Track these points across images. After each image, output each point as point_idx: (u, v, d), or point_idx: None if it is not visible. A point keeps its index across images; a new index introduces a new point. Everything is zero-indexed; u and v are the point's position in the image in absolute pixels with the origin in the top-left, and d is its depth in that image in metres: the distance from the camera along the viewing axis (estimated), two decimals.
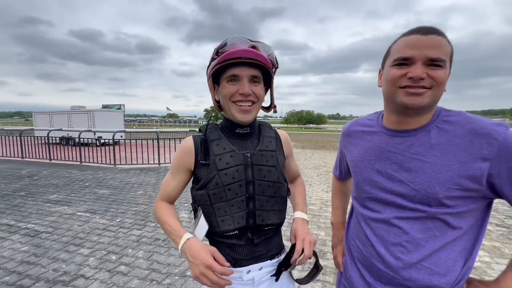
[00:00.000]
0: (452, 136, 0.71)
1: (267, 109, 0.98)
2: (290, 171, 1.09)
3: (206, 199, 0.86)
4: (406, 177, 0.75)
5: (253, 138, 0.94)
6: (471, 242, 0.74)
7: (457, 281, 0.74)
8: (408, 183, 0.74)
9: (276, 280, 0.92)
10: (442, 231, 0.72)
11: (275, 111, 1.00)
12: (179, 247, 0.84)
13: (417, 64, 0.69)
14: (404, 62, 0.71)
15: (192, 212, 0.96)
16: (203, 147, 0.88)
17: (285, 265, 0.90)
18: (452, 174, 0.69)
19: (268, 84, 0.93)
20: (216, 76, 0.88)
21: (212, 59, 0.86)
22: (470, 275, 0.78)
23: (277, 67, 0.94)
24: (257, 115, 0.95)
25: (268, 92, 0.95)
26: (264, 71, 0.86)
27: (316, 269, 0.93)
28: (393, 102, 0.76)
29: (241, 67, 0.82)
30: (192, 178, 0.95)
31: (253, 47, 0.84)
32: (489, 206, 0.75)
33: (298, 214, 0.98)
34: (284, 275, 0.95)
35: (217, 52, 0.85)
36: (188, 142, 0.91)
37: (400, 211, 0.76)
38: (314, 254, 0.92)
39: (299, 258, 0.87)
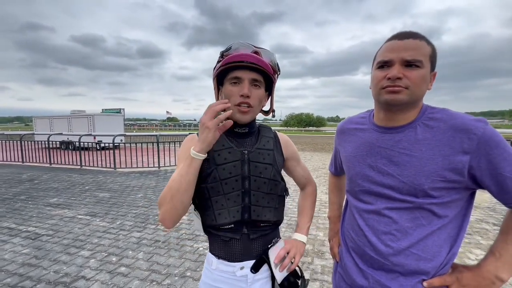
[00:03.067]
0: (436, 132, 0.76)
1: (266, 112, 1.02)
2: (297, 176, 1.10)
3: (204, 193, 0.90)
4: (395, 170, 0.80)
5: (251, 138, 0.97)
6: (456, 230, 0.79)
7: (442, 266, 0.79)
8: (397, 176, 0.80)
9: (254, 271, 0.91)
10: (428, 220, 0.78)
11: (273, 116, 1.04)
12: (192, 154, 0.80)
13: (395, 65, 0.76)
14: (384, 64, 0.78)
15: (191, 206, 0.98)
16: None
17: (265, 254, 0.92)
18: (436, 167, 0.74)
19: (269, 90, 0.97)
20: (220, 78, 0.93)
21: (218, 62, 0.91)
22: (455, 261, 0.82)
23: (279, 73, 0.98)
24: (257, 119, 0.99)
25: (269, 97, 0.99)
26: (265, 76, 0.90)
27: (304, 281, 0.95)
28: (378, 101, 0.83)
29: (243, 70, 0.86)
30: None
31: (256, 52, 0.89)
32: (472, 196, 0.80)
33: (297, 236, 1.02)
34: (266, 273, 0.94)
35: (222, 55, 0.90)
36: (192, 137, 0.97)
37: (390, 202, 0.82)
38: (300, 273, 0.96)
39: (280, 254, 0.91)
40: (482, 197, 4.88)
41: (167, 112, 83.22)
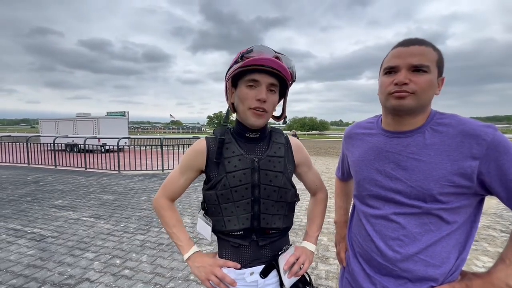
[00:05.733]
0: (444, 137, 0.76)
1: (277, 118, 1.00)
2: (308, 182, 1.09)
3: (214, 199, 0.90)
4: (403, 175, 0.80)
5: (263, 143, 0.95)
6: (464, 236, 0.79)
7: (451, 273, 0.78)
8: (405, 181, 0.79)
9: (263, 276, 0.93)
10: (437, 226, 0.77)
11: (284, 122, 1.02)
12: (185, 256, 0.95)
13: (402, 71, 0.76)
14: (391, 70, 0.79)
15: (201, 211, 0.99)
16: (214, 149, 0.92)
17: (275, 260, 0.93)
18: (445, 172, 0.74)
19: (282, 95, 0.96)
20: (235, 79, 0.91)
21: (235, 62, 0.88)
22: (464, 268, 0.82)
23: (294, 81, 0.96)
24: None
25: (281, 102, 0.98)
26: (282, 81, 0.90)
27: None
28: (386, 107, 0.83)
29: (262, 74, 0.85)
30: (204, 179, 0.98)
31: (277, 57, 0.88)
32: (480, 202, 0.79)
33: (306, 245, 1.02)
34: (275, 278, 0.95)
35: (241, 56, 0.87)
36: (201, 143, 0.95)
37: (398, 207, 0.81)
38: (309, 280, 0.98)
39: (290, 261, 0.92)
40: (489, 203, 4.81)
41: (171, 115, 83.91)
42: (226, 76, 0.93)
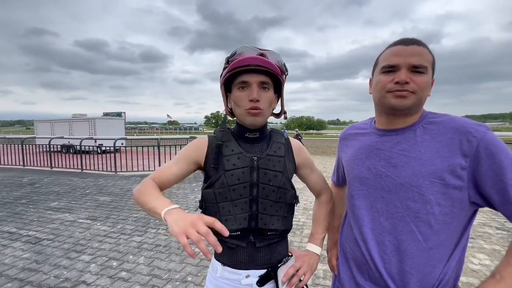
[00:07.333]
0: (435, 134, 0.76)
1: (277, 115, 0.99)
2: (311, 183, 1.07)
3: (212, 198, 0.89)
4: (393, 171, 0.79)
5: (262, 143, 0.95)
6: (454, 250, 0.76)
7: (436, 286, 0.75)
8: (395, 177, 0.78)
9: (259, 285, 0.90)
10: (425, 236, 0.74)
11: (285, 117, 1.01)
12: (163, 212, 0.71)
13: (402, 70, 0.75)
14: (391, 69, 0.77)
15: (198, 210, 0.96)
16: (215, 146, 0.91)
17: (274, 271, 0.90)
18: (435, 168, 0.72)
19: (279, 91, 0.94)
20: (228, 84, 0.91)
21: (224, 68, 0.89)
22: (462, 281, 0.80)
23: (287, 74, 0.95)
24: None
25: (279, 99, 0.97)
26: (273, 78, 0.88)
27: None
28: (382, 105, 0.81)
29: (250, 74, 0.84)
30: (203, 177, 0.97)
31: (261, 54, 0.86)
32: (473, 216, 0.77)
33: (310, 247, 1.00)
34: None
35: (227, 61, 0.88)
36: (203, 139, 0.95)
37: (386, 209, 0.80)
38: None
39: (289, 273, 0.89)
40: None
41: (168, 115, 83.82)
42: (219, 83, 0.93)
